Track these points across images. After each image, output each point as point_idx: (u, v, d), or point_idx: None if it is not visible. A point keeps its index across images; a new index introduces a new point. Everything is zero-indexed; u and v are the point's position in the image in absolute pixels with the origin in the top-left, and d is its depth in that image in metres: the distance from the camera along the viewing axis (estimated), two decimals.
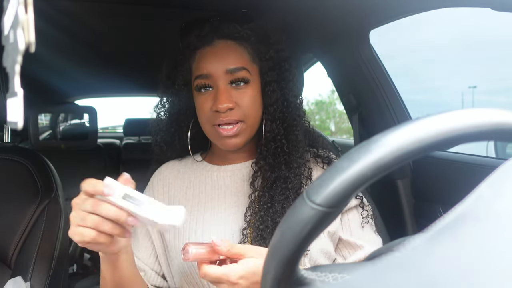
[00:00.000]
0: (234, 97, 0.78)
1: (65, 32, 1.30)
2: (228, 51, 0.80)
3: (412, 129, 0.34)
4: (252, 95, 0.79)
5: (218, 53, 0.79)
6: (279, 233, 0.38)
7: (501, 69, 32.36)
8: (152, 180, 0.91)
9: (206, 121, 0.80)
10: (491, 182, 0.25)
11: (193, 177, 0.87)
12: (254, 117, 0.80)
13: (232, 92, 0.78)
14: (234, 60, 0.79)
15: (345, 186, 0.34)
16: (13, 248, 0.98)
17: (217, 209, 0.81)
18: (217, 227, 0.79)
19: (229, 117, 0.77)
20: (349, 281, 0.22)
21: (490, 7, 0.82)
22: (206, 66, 0.79)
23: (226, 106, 0.76)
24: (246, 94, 0.79)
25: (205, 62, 0.79)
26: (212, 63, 0.78)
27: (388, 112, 1.31)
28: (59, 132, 2.49)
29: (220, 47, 0.80)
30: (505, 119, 0.34)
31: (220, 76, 0.78)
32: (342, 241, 0.82)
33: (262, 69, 0.82)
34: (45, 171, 1.07)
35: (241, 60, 0.79)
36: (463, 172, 1.11)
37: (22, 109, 0.29)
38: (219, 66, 0.78)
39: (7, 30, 0.29)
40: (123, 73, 2.14)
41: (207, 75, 0.78)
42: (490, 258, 0.19)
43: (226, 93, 0.77)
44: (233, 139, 0.79)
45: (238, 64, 0.78)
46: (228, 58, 0.79)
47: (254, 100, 0.79)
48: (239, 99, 0.78)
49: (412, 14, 1.06)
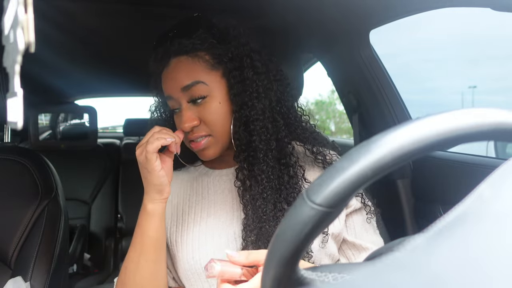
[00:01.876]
0: (196, 113, 0.77)
1: (65, 32, 1.30)
2: (180, 68, 0.78)
3: (412, 129, 0.34)
4: (215, 108, 0.77)
5: (172, 73, 0.78)
6: (279, 233, 0.38)
7: (501, 69, 32.35)
8: None
9: (184, 139, 0.80)
10: (491, 182, 0.25)
11: (195, 184, 0.88)
12: (221, 128, 0.78)
13: (194, 109, 0.77)
14: (186, 76, 0.77)
15: (345, 186, 0.34)
16: (13, 248, 0.99)
17: (219, 213, 0.81)
18: (220, 231, 0.79)
19: (196, 134, 0.77)
20: (349, 281, 0.22)
21: (490, 7, 0.82)
22: (166, 88, 0.80)
23: (188, 126, 0.76)
24: (207, 109, 0.77)
25: (165, 84, 0.80)
26: (169, 84, 0.79)
27: (388, 112, 1.31)
28: (59, 132, 2.49)
29: (173, 66, 0.79)
30: (505, 119, 0.34)
31: (179, 95, 0.78)
32: (347, 242, 0.82)
33: (225, 73, 0.78)
34: (45, 171, 1.07)
35: (195, 73, 0.77)
36: (463, 172, 1.11)
37: (22, 109, 0.29)
38: (174, 86, 0.78)
39: (7, 30, 0.29)
40: (123, 73, 2.14)
41: (169, 97, 0.80)
42: (490, 258, 0.19)
43: (187, 112, 0.77)
44: (205, 151, 0.79)
45: (191, 79, 0.76)
46: (181, 76, 0.77)
47: (217, 112, 0.77)
48: (202, 114, 0.77)
49: (412, 14, 1.06)
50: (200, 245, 0.78)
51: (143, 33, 1.39)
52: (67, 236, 1.10)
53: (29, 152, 1.12)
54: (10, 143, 1.20)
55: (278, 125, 0.79)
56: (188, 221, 0.82)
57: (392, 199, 1.32)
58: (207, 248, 0.77)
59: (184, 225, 0.82)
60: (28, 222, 1.00)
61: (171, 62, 0.79)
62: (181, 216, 0.84)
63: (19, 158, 1.05)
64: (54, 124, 2.55)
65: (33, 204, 1.01)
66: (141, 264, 0.75)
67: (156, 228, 0.75)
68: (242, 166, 0.78)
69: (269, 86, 0.79)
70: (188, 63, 0.77)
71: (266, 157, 0.75)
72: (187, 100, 0.78)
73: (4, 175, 1.04)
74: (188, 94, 0.77)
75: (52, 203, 1.03)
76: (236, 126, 0.77)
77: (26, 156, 1.07)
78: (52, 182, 1.07)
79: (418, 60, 32.91)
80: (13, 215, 1.00)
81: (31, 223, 1.00)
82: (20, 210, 1.01)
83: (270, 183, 0.75)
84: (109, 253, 2.28)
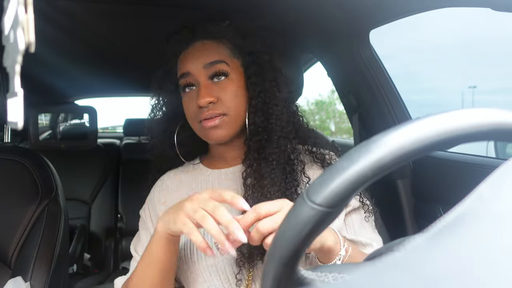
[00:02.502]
0: (215, 91, 0.79)
1: (65, 32, 1.30)
2: (205, 48, 0.82)
3: (412, 129, 0.34)
4: (233, 89, 0.81)
5: (196, 52, 0.82)
6: (279, 233, 0.38)
7: (501, 69, 32.40)
8: (153, 190, 0.91)
9: (193, 119, 0.82)
10: (491, 182, 0.25)
11: (194, 184, 0.88)
12: (236, 109, 0.81)
13: (213, 87, 0.80)
14: (211, 55, 0.81)
15: (345, 186, 0.34)
16: (13, 248, 0.99)
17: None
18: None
19: (211, 111, 0.79)
20: (349, 281, 0.22)
21: (490, 7, 0.82)
22: (186, 65, 0.82)
23: (207, 101, 0.78)
24: (227, 88, 0.80)
25: (185, 62, 0.83)
26: (191, 62, 0.82)
27: (388, 112, 1.31)
28: (59, 132, 2.49)
29: (198, 47, 0.83)
30: (505, 119, 0.34)
31: (199, 72, 0.80)
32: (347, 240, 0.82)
33: (244, 63, 0.84)
34: (45, 171, 1.07)
35: (219, 54, 0.82)
36: (463, 172, 1.11)
37: (22, 109, 0.29)
38: (197, 63, 0.81)
39: (7, 30, 0.29)
40: (123, 73, 2.13)
41: (187, 73, 0.81)
42: (490, 258, 0.19)
43: (206, 88, 0.79)
44: (217, 130, 0.80)
45: (215, 57, 0.81)
46: (206, 54, 0.81)
47: (235, 94, 0.81)
48: (221, 93, 0.79)
49: (412, 14, 1.06)
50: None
51: (143, 33, 1.39)
52: (67, 236, 1.10)
53: (29, 152, 1.12)
54: (10, 143, 1.20)
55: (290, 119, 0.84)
56: None
57: (392, 199, 1.32)
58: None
59: None
60: (28, 222, 1.00)
61: (195, 44, 0.83)
62: None
63: (19, 158, 1.05)
64: (54, 124, 2.55)
65: (33, 204, 1.01)
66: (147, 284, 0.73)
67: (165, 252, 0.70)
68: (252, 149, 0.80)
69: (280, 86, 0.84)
70: (212, 46, 0.83)
71: (279, 141, 0.79)
72: (208, 76, 0.80)
73: (4, 175, 1.04)
74: (209, 71, 0.80)
75: (52, 203, 1.03)
76: (251, 113, 0.81)
77: (26, 156, 1.07)
78: (52, 182, 1.07)
79: (418, 60, 32.95)
80: (13, 215, 1.00)
81: (31, 223, 1.00)
82: (20, 210, 1.01)
83: (279, 166, 0.78)
84: (109, 253, 2.28)
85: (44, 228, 1.00)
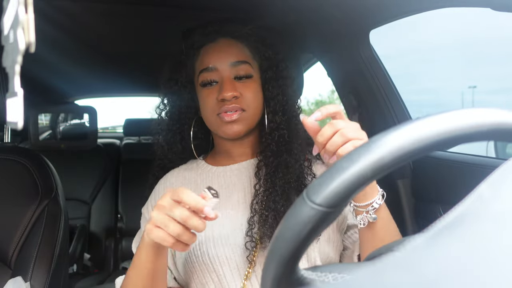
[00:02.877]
0: (238, 87, 0.83)
1: (65, 32, 1.30)
2: (231, 47, 0.85)
3: (412, 129, 0.34)
4: (255, 89, 0.85)
5: (222, 48, 0.85)
6: (279, 233, 0.38)
7: (501, 68, 32.36)
8: (157, 187, 0.91)
9: (211, 112, 0.84)
10: (491, 182, 0.25)
11: (199, 180, 0.88)
12: (255, 108, 0.84)
13: (236, 84, 0.83)
14: (237, 55, 0.85)
15: (345, 186, 0.34)
16: (13, 248, 0.98)
17: (224, 207, 0.82)
18: (225, 224, 0.79)
19: (234, 104, 0.81)
20: (349, 281, 0.22)
21: (490, 7, 0.82)
22: (211, 60, 0.84)
23: (231, 94, 0.81)
24: (249, 87, 0.84)
25: (210, 56, 0.85)
26: (217, 57, 0.84)
27: (388, 112, 1.31)
28: (59, 132, 2.49)
29: (222, 44, 0.86)
30: (505, 119, 0.34)
31: (225, 69, 0.83)
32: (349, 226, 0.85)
33: (262, 67, 0.88)
34: (45, 171, 1.07)
35: (244, 55, 0.85)
36: (463, 172, 1.11)
37: (22, 109, 0.29)
38: (223, 60, 0.83)
39: (7, 30, 0.29)
40: (123, 73, 2.14)
41: (212, 68, 0.84)
42: (490, 258, 0.19)
43: (231, 84, 0.82)
44: (234, 125, 0.82)
45: (242, 58, 0.85)
46: (232, 53, 0.84)
47: (256, 93, 0.85)
48: (243, 90, 0.83)
49: (412, 14, 1.06)
50: (207, 237, 0.78)
51: (143, 33, 1.39)
52: (67, 236, 1.10)
53: (29, 152, 1.12)
54: (10, 143, 1.20)
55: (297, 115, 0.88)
56: None
57: (392, 199, 1.32)
58: (214, 238, 0.77)
59: None
60: (28, 222, 1.00)
61: (221, 40, 0.86)
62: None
63: (19, 158, 1.05)
64: (54, 124, 2.55)
65: (33, 204, 1.01)
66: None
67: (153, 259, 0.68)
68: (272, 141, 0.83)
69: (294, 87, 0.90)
70: (238, 46, 0.86)
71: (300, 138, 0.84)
72: (233, 75, 0.84)
73: (4, 175, 1.04)
74: (235, 70, 0.84)
75: (52, 203, 1.03)
76: (269, 114, 0.85)
77: (26, 156, 1.07)
78: (52, 182, 1.07)
79: (418, 60, 32.93)
80: (13, 215, 1.00)
81: (31, 223, 1.00)
82: (20, 210, 1.01)
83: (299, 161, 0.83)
84: (109, 253, 2.28)
85: (44, 228, 1.00)
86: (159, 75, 0.93)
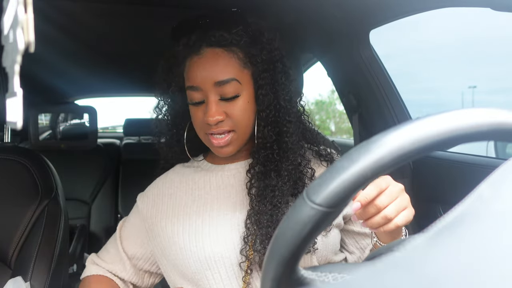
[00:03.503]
0: (224, 108, 0.77)
1: (65, 32, 1.30)
2: (216, 60, 0.77)
3: (412, 129, 0.34)
4: (243, 106, 0.78)
5: (206, 63, 0.77)
6: (279, 233, 0.38)
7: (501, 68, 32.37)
8: (157, 182, 0.92)
9: (199, 130, 0.82)
10: (491, 182, 0.25)
11: (197, 178, 0.88)
12: (245, 125, 0.80)
13: (222, 104, 0.78)
14: (223, 71, 0.77)
15: (345, 186, 0.34)
16: (13, 248, 0.98)
17: (223, 208, 0.82)
18: (224, 226, 0.79)
19: (220, 128, 0.78)
20: (349, 281, 0.22)
21: (490, 7, 0.82)
22: (195, 77, 0.78)
23: (215, 119, 0.76)
24: (236, 105, 0.78)
25: (194, 72, 0.78)
26: (201, 74, 0.77)
27: (388, 112, 1.31)
28: (59, 132, 2.49)
29: (208, 56, 0.78)
30: (505, 119, 0.34)
31: (210, 89, 0.77)
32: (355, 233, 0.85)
33: (254, 73, 0.80)
34: (45, 171, 1.07)
35: (231, 69, 0.77)
36: (463, 172, 1.11)
37: (22, 109, 0.29)
38: (207, 78, 0.77)
39: (6, 30, 0.29)
40: (123, 73, 2.13)
41: (197, 88, 0.78)
42: (490, 258, 0.19)
43: (215, 106, 0.76)
44: (224, 148, 0.80)
45: (227, 75, 0.76)
46: (217, 69, 0.77)
47: (245, 109, 0.79)
48: (230, 110, 0.77)
49: (412, 14, 1.06)
50: (203, 234, 0.78)
51: (143, 33, 1.39)
52: (67, 236, 1.10)
53: (29, 152, 1.12)
54: (10, 143, 1.20)
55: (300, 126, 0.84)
56: (190, 213, 0.82)
57: None
58: (210, 236, 0.77)
59: (186, 216, 0.82)
60: (28, 222, 1.00)
61: (206, 52, 0.78)
62: (183, 209, 0.84)
63: (19, 158, 1.05)
64: (54, 124, 2.55)
65: (33, 204, 1.01)
66: None
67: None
68: (258, 161, 0.80)
69: (290, 93, 0.82)
70: (224, 57, 0.78)
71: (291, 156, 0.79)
72: (219, 95, 0.77)
73: (4, 175, 1.04)
74: (220, 90, 0.77)
75: (52, 203, 1.03)
76: (260, 126, 0.80)
77: (26, 156, 1.07)
78: (52, 182, 1.07)
79: (418, 60, 32.91)
80: (13, 215, 1.00)
81: (31, 223, 1.00)
82: (20, 210, 1.01)
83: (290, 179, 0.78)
84: None
85: (44, 228, 1.00)
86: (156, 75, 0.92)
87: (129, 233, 0.91)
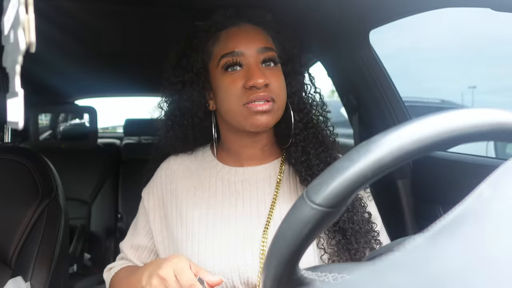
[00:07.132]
0: (266, 76, 0.76)
1: (65, 32, 1.30)
2: (257, 33, 0.80)
3: (412, 129, 0.34)
4: (281, 77, 0.80)
5: (248, 33, 0.79)
6: (279, 233, 0.38)
7: (501, 68, 32.38)
8: (159, 173, 0.88)
9: (236, 100, 0.75)
10: (491, 182, 0.25)
11: (202, 177, 0.84)
12: (282, 99, 0.79)
13: (264, 71, 0.77)
14: (263, 41, 0.79)
15: (345, 186, 0.34)
16: (13, 248, 0.98)
17: (227, 218, 0.78)
18: (229, 237, 0.76)
19: (265, 93, 0.74)
20: (349, 281, 0.22)
21: (490, 7, 0.82)
22: (237, 44, 0.77)
23: (263, 81, 0.73)
24: (276, 74, 0.78)
25: (235, 41, 0.78)
26: (243, 42, 0.78)
27: (388, 112, 1.31)
28: (59, 132, 2.49)
29: (249, 29, 0.80)
30: (505, 119, 0.34)
31: (252, 54, 0.77)
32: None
33: (281, 58, 0.83)
34: (45, 171, 1.07)
35: (269, 42, 0.80)
36: (463, 172, 1.11)
37: (22, 109, 0.29)
38: (250, 45, 0.77)
39: (7, 30, 0.29)
40: (123, 73, 2.13)
41: (238, 53, 0.77)
42: (490, 258, 0.19)
43: (260, 70, 0.76)
44: (264, 115, 0.74)
45: (268, 44, 0.79)
46: (258, 39, 0.79)
47: (283, 83, 0.80)
48: (271, 78, 0.76)
49: (412, 14, 1.06)
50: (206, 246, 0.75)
51: (143, 33, 1.39)
52: (67, 236, 1.10)
53: (29, 152, 1.12)
54: (10, 143, 1.20)
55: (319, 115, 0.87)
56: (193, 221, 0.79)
57: (392, 199, 1.32)
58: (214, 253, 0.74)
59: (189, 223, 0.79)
60: (28, 222, 1.00)
61: (245, 26, 0.81)
62: (185, 212, 0.80)
63: (19, 158, 1.05)
64: (54, 124, 2.55)
65: (33, 204, 1.01)
66: None
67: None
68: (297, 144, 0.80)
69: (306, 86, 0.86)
70: (262, 33, 0.81)
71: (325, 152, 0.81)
72: (260, 60, 0.78)
73: (4, 175, 1.04)
74: (263, 55, 0.78)
75: (52, 203, 1.03)
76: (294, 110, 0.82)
77: (26, 156, 1.07)
78: (52, 182, 1.06)
79: (418, 60, 32.91)
80: (13, 215, 1.00)
81: (31, 223, 1.00)
82: (20, 210, 1.01)
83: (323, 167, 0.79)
84: (109, 253, 2.27)
85: (44, 228, 1.00)
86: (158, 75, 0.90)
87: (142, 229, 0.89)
